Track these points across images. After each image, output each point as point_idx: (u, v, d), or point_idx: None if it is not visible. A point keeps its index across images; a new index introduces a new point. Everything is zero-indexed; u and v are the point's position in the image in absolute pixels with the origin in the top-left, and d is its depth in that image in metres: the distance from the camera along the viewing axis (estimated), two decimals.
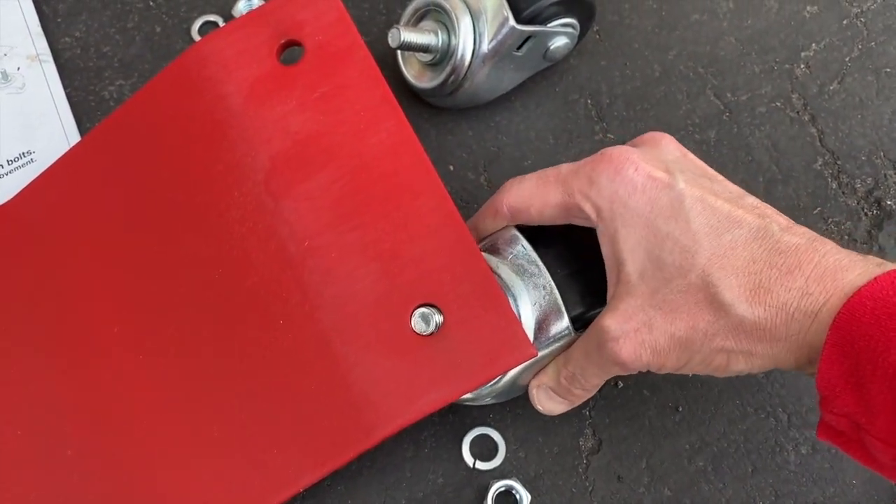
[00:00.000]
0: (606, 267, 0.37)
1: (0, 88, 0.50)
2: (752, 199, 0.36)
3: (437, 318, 0.36)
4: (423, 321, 0.36)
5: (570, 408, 0.40)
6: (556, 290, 0.37)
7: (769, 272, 0.33)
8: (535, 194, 0.38)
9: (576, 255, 0.39)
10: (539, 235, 0.39)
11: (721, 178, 0.37)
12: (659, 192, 0.35)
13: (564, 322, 0.37)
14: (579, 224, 0.38)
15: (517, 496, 0.41)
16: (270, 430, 0.39)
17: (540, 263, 0.38)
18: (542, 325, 0.37)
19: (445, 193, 0.39)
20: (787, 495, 0.42)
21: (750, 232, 0.34)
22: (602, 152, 0.37)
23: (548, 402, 0.39)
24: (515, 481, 0.41)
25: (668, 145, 0.38)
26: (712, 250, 0.34)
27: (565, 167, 0.38)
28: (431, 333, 0.36)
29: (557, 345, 0.38)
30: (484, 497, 0.41)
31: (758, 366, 0.34)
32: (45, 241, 0.45)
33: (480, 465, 0.42)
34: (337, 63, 0.42)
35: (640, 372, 0.36)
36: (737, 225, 0.34)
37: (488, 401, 0.41)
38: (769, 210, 0.36)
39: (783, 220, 0.35)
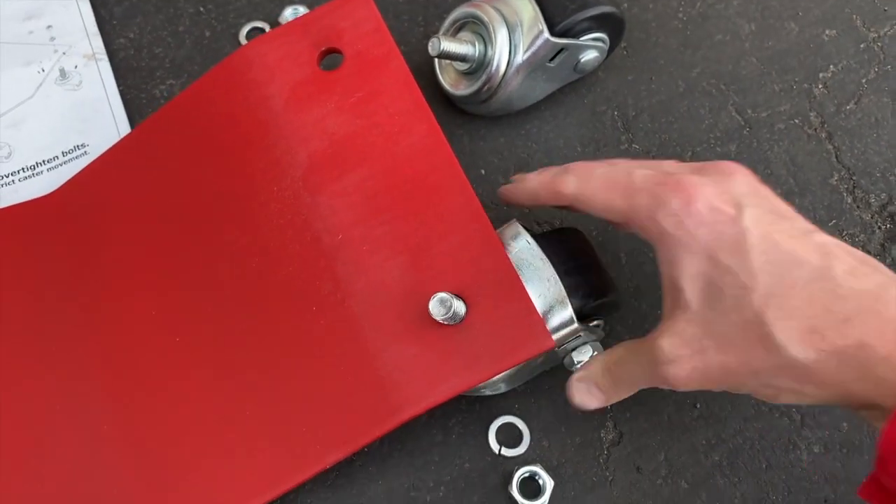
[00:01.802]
0: (663, 287, 0.38)
1: (58, 85, 0.53)
2: (820, 237, 0.36)
3: (457, 303, 0.38)
4: (441, 305, 0.38)
5: (603, 405, 0.40)
6: (560, 283, 0.39)
7: (825, 317, 0.33)
8: (600, 194, 0.39)
9: (570, 254, 0.41)
10: (535, 234, 0.42)
11: (791, 213, 0.37)
12: (724, 226, 0.35)
13: (568, 312, 0.39)
14: (635, 233, 0.39)
15: (541, 482, 0.43)
16: (300, 409, 0.41)
17: (544, 257, 0.40)
18: (545, 316, 0.39)
19: (472, 192, 0.41)
20: (799, 491, 0.44)
21: (811, 273, 0.34)
22: (673, 176, 0.37)
23: (586, 396, 0.40)
24: (539, 467, 0.43)
25: (740, 179, 0.37)
26: (770, 289, 0.34)
27: (638, 176, 0.38)
28: (449, 317, 0.38)
29: (561, 333, 0.40)
30: (509, 482, 0.43)
31: (807, 402, 0.35)
32: (91, 227, 0.48)
33: (506, 452, 0.44)
34: (373, 70, 0.45)
35: None
36: (798, 265, 0.34)
37: (502, 387, 0.43)
38: (838, 250, 0.35)
39: (851, 260, 0.35)
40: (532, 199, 0.42)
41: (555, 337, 0.39)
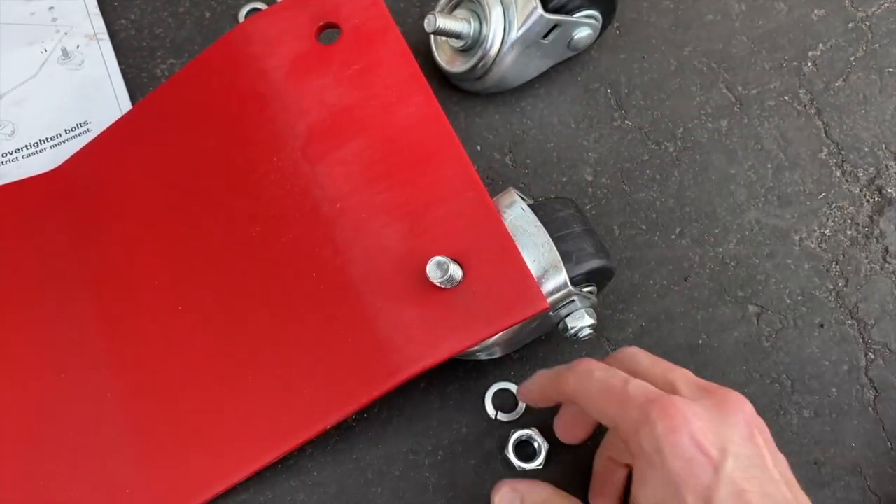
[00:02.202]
0: (630, 495, 0.37)
1: (61, 64, 0.54)
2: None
3: (454, 267, 0.39)
4: (438, 269, 0.39)
5: None
6: (554, 248, 0.40)
7: None
8: (595, 398, 0.38)
9: (564, 221, 0.42)
10: (530, 203, 0.43)
11: (778, 472, 0.35)
12: (701, 468, 0.33)
13: (562, 276, 0.40)
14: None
15: (536, 445, 0.43)
16: (302, 372, 0.42)
17: (539, 224, 0.41)
18: (540, 281, 0.40)
19: (468, 160, 0.42)
20: (789, 454, 0.44)
21: None
22: (668, 398, 0.35)
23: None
24: (535, 431, 0.44)
25: (738, 420, 0.36)
26: None
27: (633, 387, 0.36)
28: (446, 280, 0.39)
29: (555, 297, 0.40)
30: (505, 445, 0.44)
31: None
32: (94, 200, 0.49)
33: (502, 417, 0.45)
34: (371, 43, 0.46)
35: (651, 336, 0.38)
36: None
37: (497, 352, 0.44)
38: None
39: None
40: (542, 394, 0.42)
41: (549, 300, 0.40)
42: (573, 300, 0.42)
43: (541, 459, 0.43)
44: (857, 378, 0.47)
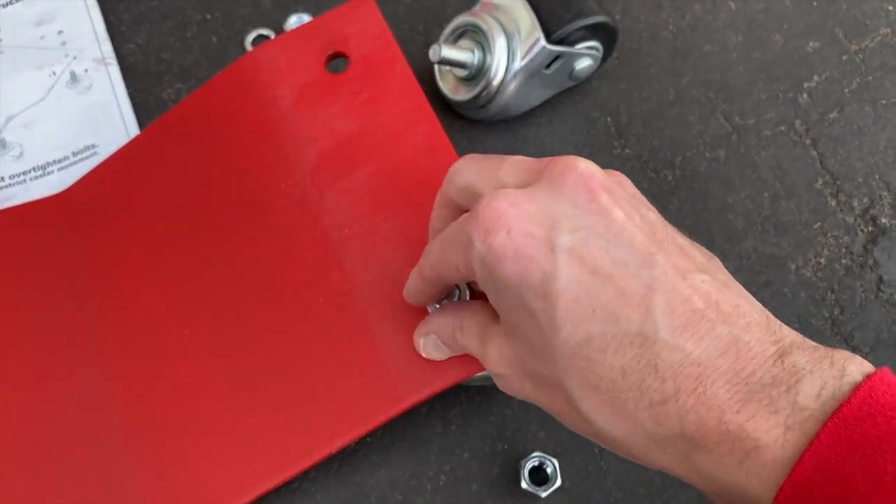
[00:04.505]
0: None
1: (69, 87, 0.54)
2: (661, 264, 0.28)
3: (461, 293, 0.40)
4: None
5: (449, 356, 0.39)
6: None
7: (636, 396, 0.27)
8: (441, 265, 0.34)
9: None
10: None
11: (631, 226, 0.28)
12: (532, 260, 0.28)
13: None
14: None
15: (549, 470, 0.43)
16: (309, 396, 0.42)
17: None
18: None
19: None
20: None
21: (627, 332, 0.27)
22: (480, 204, 0.29)
23: (434, 352, 0.39)
24: (548, 455, 0.44)
25: (574, 187, 0.29)
26: (574, 350, 0.28)
27: (462, 219, 0.31)
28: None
29: None
30: (510, 470, 0.44)
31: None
32: (101, 223, 0.49)
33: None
34: (378, 73, 0.47)
35: None
36: (614, 319, 0.27)
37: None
38: (679, 284, 0.27)
39: (685, 310, 0.27)
40: (422, 297, 0.39)
41: None
42: None
43: (557, 483, 0.43)
44: None
